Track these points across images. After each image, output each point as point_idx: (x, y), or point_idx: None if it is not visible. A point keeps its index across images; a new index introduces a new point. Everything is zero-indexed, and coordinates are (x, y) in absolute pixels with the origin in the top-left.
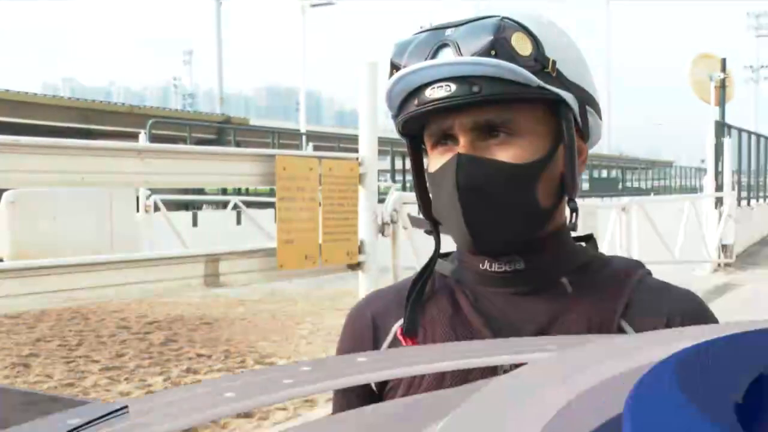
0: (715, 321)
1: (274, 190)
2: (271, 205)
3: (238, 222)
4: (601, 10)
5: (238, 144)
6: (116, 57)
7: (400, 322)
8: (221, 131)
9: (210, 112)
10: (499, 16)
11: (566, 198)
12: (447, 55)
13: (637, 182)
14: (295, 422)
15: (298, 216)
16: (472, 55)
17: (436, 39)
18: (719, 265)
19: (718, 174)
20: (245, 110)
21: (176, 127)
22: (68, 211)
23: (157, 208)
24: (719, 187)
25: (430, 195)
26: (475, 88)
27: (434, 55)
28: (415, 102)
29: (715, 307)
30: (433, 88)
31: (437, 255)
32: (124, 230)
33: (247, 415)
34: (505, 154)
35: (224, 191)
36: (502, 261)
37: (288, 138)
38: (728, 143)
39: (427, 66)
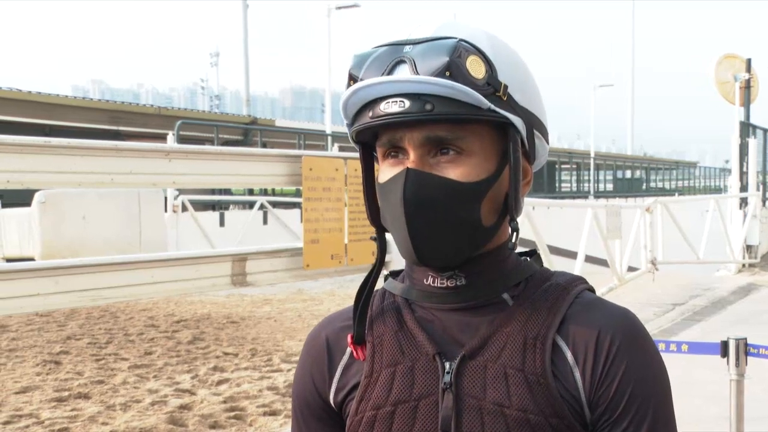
0: (646, 339)
1: (300, 191)
2: (297, 205)
3: (265, 222)
4: (626, 10)
5: (264, 145)
6: (144, 59)
7: None
8: (248, 132)
9: (236, 114)
10: (456, 38)
11: (508, 217)
12: (403, 72)
13: (661, 182)
14: None
15: (324, 216)
16: (428, 74)
17: (394, 55)
18: (744, 265)
19: (743, 174)
20: (271, 111)
21: (203, 128)
22: (97, 211)
23: (184, 209)
24: (744, 188)
25: (379, 203)
26: (428, 106)
27: (391, 71)
28: (369, 114)
29: (738, 307)
30: (388, 102)
31: (381, 262)
32: (153, 230)
33: (273, 413)
34: (453, 171)
35: (251, 191)
36: (445, 276)
37: (314, 139)
38: (753, 143)
39: (383, 81)
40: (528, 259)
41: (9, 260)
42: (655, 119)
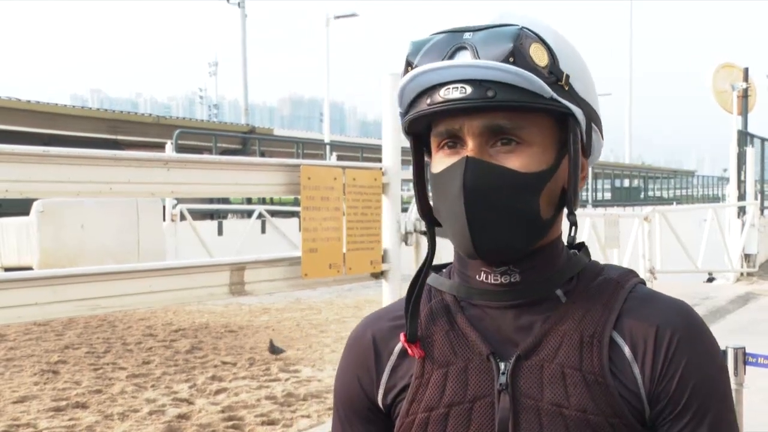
0: (706, 333)
1: (298, 200)
2: (295, 214)
3: (263, 231)
4: (623, 16)
5: (262, 154)
6: (143, 69)
7: (401, 344)
8: (246, 141)
9: (235, 123)
10: (518, 25)
11: (564, 211)
12: (464, 58)
13: (659, 191)
14: (318, 429)
15: (322, 225)
16: (491, 60)
17: (454, 41)
18: (742, 274)
19: (741, 183)
20: (269, 120)
21: (202, 138)
22: (96, 221)
23: (182, 218)
24: (742, 197)
25: (430, 195)
26: (490, 93)
27: (451, 57)
28: (427, 101)
29: (737, 316)
30: (447, 88)
31: (431, 258)
32: (151, 239)
33: (272, 422)
34: (513, 161)
35: (249, 200)
36: (498, 273)
37: (312, 148)
38: (751, 152)
39: (445, 66)
40: (577, 252)
41: (7, 269)
42: (653, 130)
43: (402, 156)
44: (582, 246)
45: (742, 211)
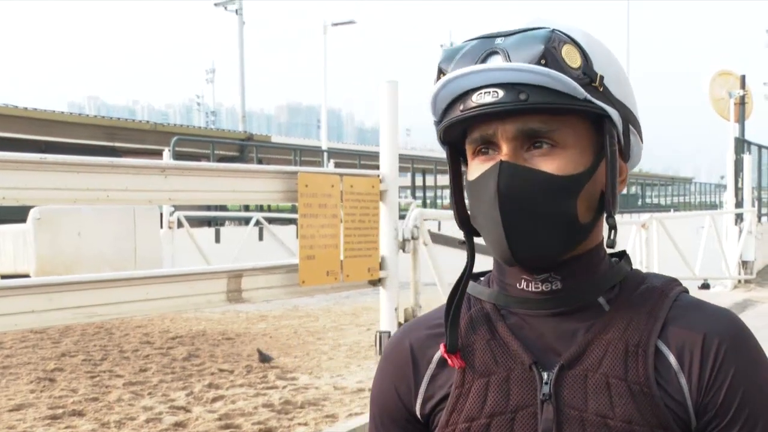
0: (753, 341)
1: (296, 207)
2: (293, 221)
3: (261, 238)
4: (621, 27)
5: (260, 161)
6: (140, 76)
7: (439, 353)
8: (244, 148)
9: (232, 130)
10: (549, 28)
11: (603, 215)
12: (496, 62)
13: (656, 198)
14: None
15: (319, 232)
16: (522, 63)
17: (486, 47)
18: (739, 281)
19: (738, 190)
20: (267, 128)
21: (199, 145)
22: (93, 228)
23: (180, 225)
24: (739, 204)
25: (467, 204)
26: (522, 96)
27: (483, 62)
28: (460, 107)
29: None
30: (480, 93)
31: (471, 267)
32: (148, 246)
33: (269, 430)
34: (548, 165)
35: (246, 208)
36: (539, 280)
37: (309, 155)
38: (748, 159)
39: (476, 70)
40: (619, 260)
41: (4, 277)
42: (650, 136)
43: (400, 163)
44: (624, 254)
45: (739, 218)
